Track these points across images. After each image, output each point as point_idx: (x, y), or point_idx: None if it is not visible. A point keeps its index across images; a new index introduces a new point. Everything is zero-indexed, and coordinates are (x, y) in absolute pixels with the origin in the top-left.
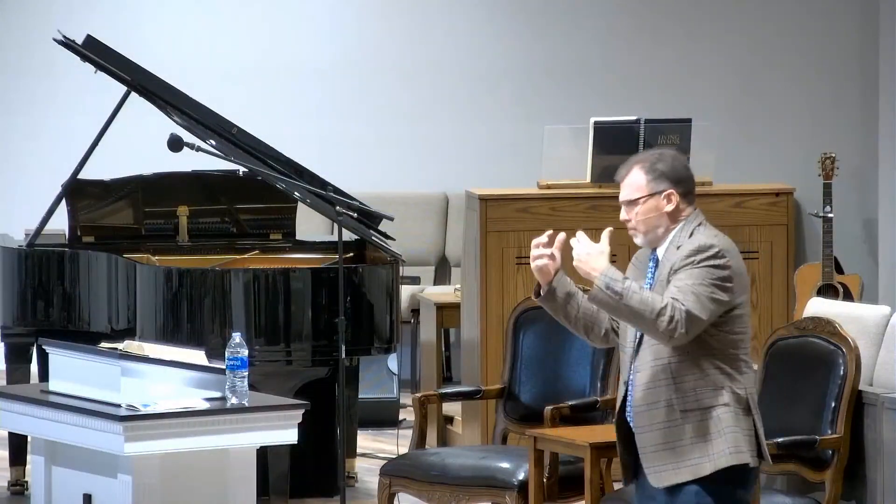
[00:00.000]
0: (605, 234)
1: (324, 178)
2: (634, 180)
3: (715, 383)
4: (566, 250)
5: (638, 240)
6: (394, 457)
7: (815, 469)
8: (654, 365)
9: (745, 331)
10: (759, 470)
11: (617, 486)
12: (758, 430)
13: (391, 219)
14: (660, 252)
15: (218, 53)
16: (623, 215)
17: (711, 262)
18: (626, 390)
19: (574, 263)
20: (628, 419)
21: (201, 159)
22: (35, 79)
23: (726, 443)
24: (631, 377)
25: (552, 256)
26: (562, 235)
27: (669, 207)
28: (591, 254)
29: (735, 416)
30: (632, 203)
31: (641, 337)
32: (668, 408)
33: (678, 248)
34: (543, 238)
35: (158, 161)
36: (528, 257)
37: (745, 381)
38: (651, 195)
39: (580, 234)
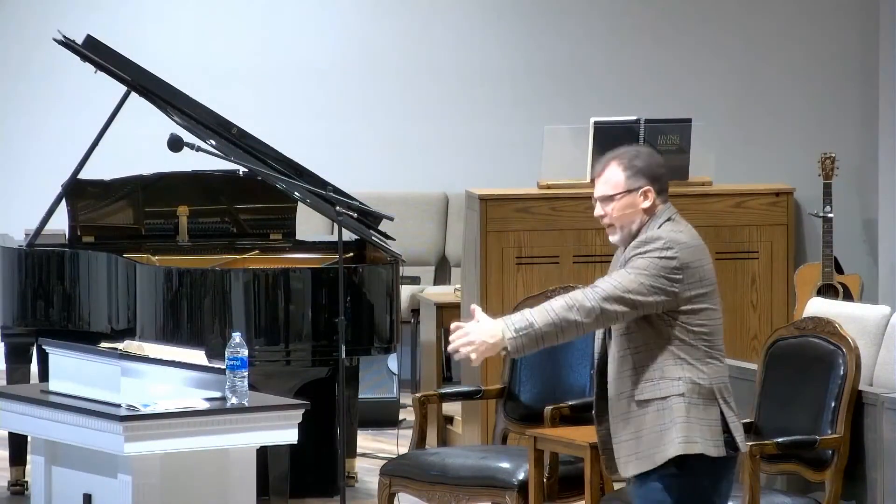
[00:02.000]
0: (477, 311)
1: (324, 178)
2: (612, 176)
3: (672, 374)
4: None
5: (614, 237)
6: (394, 457)
7: (815, 469)
8: (619, 356)
9: (710, 324)
10: (732, 461)
11: (617, 486)
12: (727, 420)
13: (391, 219)
14: (621, 245)
15: (217, 53)
16: (598, 211)
17: (657, 254)
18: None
19: (479, 353)
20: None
21: (201, 159)
22: (35, 79)
23: (677, 432)
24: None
25: (471, 342)
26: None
27: (646, 204)
28: (479, 333)
29: (689, 405)
30: (608, 199)
31: (608, 330)
32: (630, 398)
33: None
34: (455, 328)
35: (158, 161)
36: (529, 257)
37: (711, 371)
38: (628, 192)
39: (454, 326)
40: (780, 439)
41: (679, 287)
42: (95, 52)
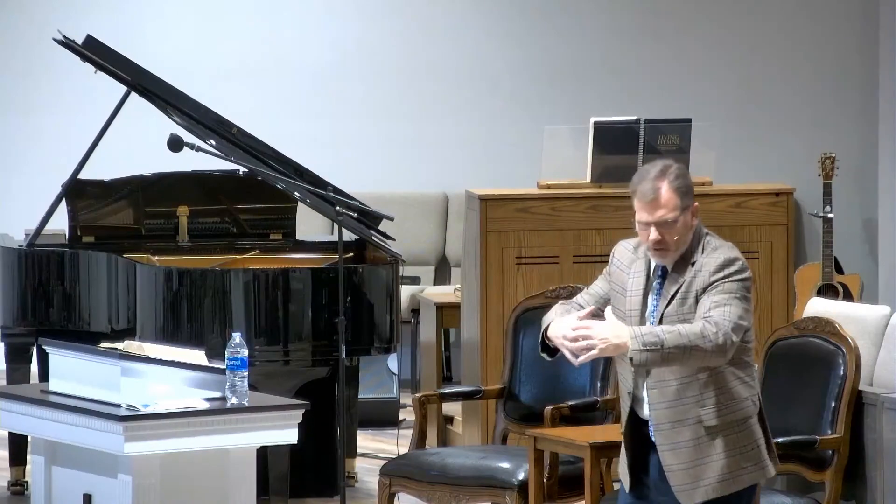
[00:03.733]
0: (609, 313)
1: (324, 178)
2: (668, 199)
3: (739, 395)
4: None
5: (665, 259)
6: (394, 457)
7: (815, 469)
8: (679, 382)
9: (753, 338)
10: None
11: (617, 486)
12: (769, 434)
13: (391, 219)
14: (668, 265)
15: (218, 53)
16: (654, 235)
17: (739, 276)
18: (632, 403)
19: (601, 351)
20: (650, 434)
21: (201, 159)
22: (35, 79)
23: (751, 459)
24: (644, 393)
25: (595, 339)
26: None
27: (695, 221)
28: (609, 332)
29: (759, 427)
30: (670, 223)
31: None
32: (697, 425)
33: (692, 263)
34: (577, 326)
35: (158, 161)
36: (529, 257)
37: (757, 386)
38: (683, 212)
39: (590, 322)
40: (780, 439)
41: (751, 305)
42: (95, 52)
